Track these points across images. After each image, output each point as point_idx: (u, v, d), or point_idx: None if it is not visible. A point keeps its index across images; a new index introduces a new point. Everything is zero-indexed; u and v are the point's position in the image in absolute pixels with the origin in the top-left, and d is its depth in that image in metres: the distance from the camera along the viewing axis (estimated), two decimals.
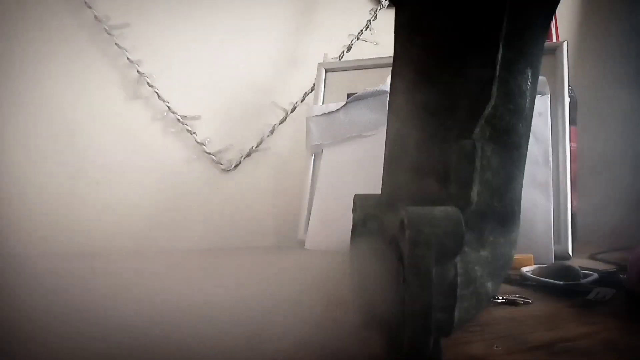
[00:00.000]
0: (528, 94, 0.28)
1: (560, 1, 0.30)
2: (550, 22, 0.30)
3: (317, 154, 0.80)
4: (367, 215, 0.31)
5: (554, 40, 0.88)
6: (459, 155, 0.26)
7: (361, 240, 0.32)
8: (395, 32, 0.31)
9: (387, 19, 1.02)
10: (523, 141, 0.28)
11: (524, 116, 0.28)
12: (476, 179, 0.25)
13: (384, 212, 0.29)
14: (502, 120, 0.27)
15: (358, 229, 0.33)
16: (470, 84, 0.27)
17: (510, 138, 0.27)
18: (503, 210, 0.27)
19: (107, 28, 0.79)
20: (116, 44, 0.79)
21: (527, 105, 0.28)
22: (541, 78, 0.49)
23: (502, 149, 0.27)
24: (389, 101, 0.33)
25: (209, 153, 0.86)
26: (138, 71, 0.81)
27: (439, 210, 0.23)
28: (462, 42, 0.27)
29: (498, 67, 0.26)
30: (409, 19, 0.30)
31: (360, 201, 0.33)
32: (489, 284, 0.26)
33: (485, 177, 0.26)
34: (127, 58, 0.80)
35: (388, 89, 0.75)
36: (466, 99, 0.27)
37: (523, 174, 0.29)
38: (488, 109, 0.26)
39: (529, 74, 0.28)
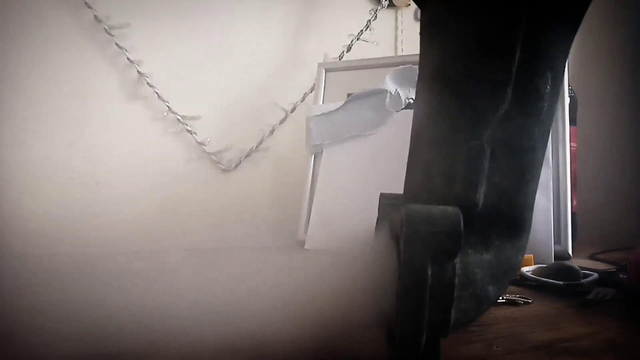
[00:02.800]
0: (546, 98, 0.27)
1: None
2: (577, 25, 0.29)
3: (317, 154, 0.80)
4: (385, 213, 0.31)
5: None
6: (466, 157, 0.25)
7: (378, 237, 0.32)
8: (420, 32, 0.31)
9: (387, 19, 1.02)
10: (538, 145, 0.27)
11: (540, 120, 0.27)
12: (482, 181, 0.25)
13: (396, 210, 0.29)
14: (515, 124, 0.26)
15: (377, 226, 0.33)
16: (484, 85, 0.27)
17: (523, 142, 0.27)
18: (512, 215, 0.27)
19: (107, 28, 0.79)
20: (116, 44, 0.79)
21: (545, 109, 0.27)
22: None
23: (514, 152, 0.26)
24: (414, 100, 0.33)
25: (209, 153, 0.86)
26: (138, 71, 0.81)
27: (438, 210, 0.23)
28: (478, 43, 0.27)
29: (513, 69, 0.26)
30: (428, 19, 0.30)
31: (382, 199, 0.33)
32: (490, 288, 0.26)
33: (494, 180, 0.26)
34: (127, 58, 0.80)
35: (387, 88, 0.75)
36: (479, 100, 0.26)
37: (538, 180, 0.28)
38: (501, 111, 0.26)
39: (549, 77, 0.27)
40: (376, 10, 0.96)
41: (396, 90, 0.75)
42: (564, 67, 0.29)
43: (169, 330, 0.31)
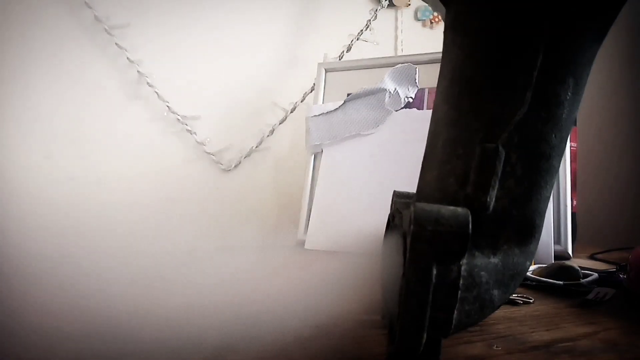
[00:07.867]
0: (566, 105, 0.27)
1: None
2: (605, 31, 0.28)
3: (317, 153, 0.80)
4: (396, 210, 0.31)
5: None
6: (480, 159, 0.25)
7: (388, 235, 0.32)
8: (444, 32, 0.30)
9: (387, 19, 1.02)
10: (555, 152, 0.27)
11: (559, 127, 0.27)
12: (495, 184, 0.25)
13: (407, 208, 0.29)
14: (533, 129, 0.26)
15: (389, 224, 0.33)
16: (503, 87, 0.26)
17: (539, 148, 0.26)
18: (522, 220, 0.26)
19: (107, 28, 0.79)
20: (116, 43, 0.79)
21: (564, 116, 0.27)
22: None
23: (529, 158, 0.26)
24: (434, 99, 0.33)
25: (209, 153, 0.86)
26: (138, 71, 0.81)
27: (448, 210, 0.23)
28: (499, 45, 0.27)
29: (535, 73, 0.25)
30: (452, 18, 0.30)
31: (395, 197, 0.33)
32: (495, 292, 0.26)
33: (507, 184, 0.25)
34: (127, 58, 0.80)
35: (386, 87, 0.75)
36: (497, 103, 0.26)
37: (551, 187, 0.28)
38: (519, 116, 0.25)
39: (570, 84, 0.26)
40: (376, 10, 0.96)
41: (395, 89, 0.75)
42: (588, 74, 0.28)
43: (169, 331, 0.31)
